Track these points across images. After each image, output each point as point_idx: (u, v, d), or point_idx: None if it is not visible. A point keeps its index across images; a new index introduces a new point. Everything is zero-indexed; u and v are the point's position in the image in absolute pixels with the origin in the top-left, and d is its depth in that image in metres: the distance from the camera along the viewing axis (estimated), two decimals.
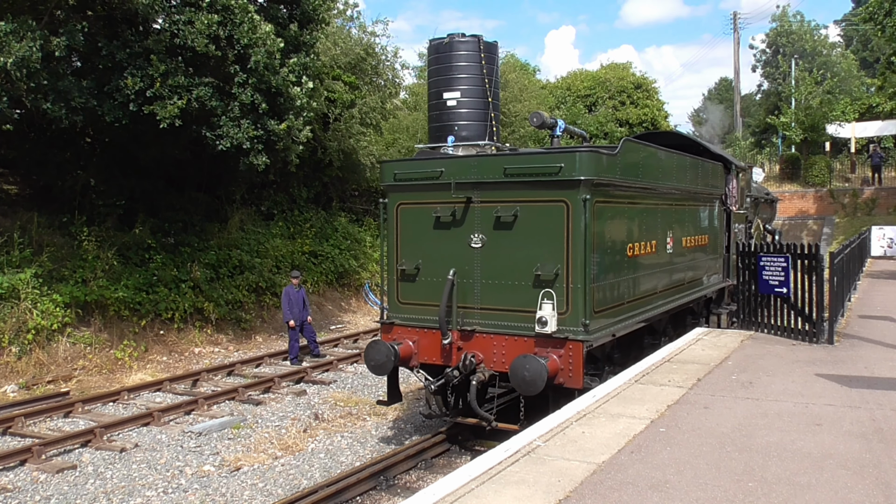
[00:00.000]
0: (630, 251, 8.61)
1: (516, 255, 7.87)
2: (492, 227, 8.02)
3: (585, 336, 7.53)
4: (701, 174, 11.50)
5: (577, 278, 7.55)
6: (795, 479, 4.84)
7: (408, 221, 8.72)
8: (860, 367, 8.14)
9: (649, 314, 9.31)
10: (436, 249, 8.49)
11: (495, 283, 8.08)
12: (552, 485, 4.73)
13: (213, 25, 13.61)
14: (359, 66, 24.06)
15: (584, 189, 7.45)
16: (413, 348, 8.64)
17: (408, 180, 8.64)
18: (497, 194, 7.96)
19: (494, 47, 9.28)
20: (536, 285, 7.70)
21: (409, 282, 8.76)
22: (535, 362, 7.31)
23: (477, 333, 8.19)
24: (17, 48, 11.44)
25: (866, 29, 34.17)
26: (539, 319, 7.52)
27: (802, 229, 32.51)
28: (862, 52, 52.57)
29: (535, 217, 7.75)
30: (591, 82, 43.03)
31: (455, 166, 8.27)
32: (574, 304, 7.57)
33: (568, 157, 7.50)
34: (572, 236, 7.52)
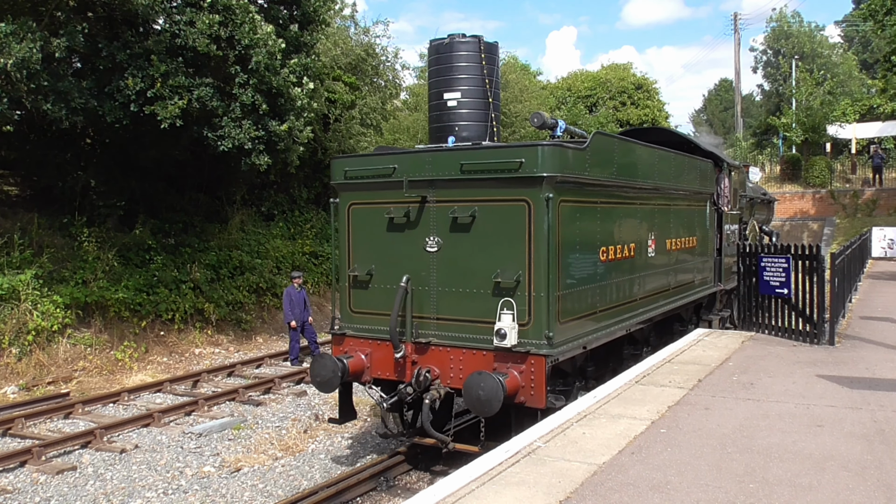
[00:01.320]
0: (603, 255, 7.92)
1: (474, 260, 7.21)
2: (448, 230, 7.35)
3: (549, 350, 6.83)
4: (688, 172, 10.82)
5: (539, 286, 6.86)
6: (797, 480, 4.82)
7: (360, 223, 8.05)
8: (861, 368, 8.12)
9: (628, 323, 8.61)
10: (389, 253, 7.81)
11: (453, 291, 7.39)
12: (552, 486, 4.72)
13: (213, 26, 13.60)
14: (359, 67, 24.07)
15: (548, 187, 6.77)
16: (365, 362, 7.92)
17: (359, 178, 7.96)
18: (454, 193, 7.31)
19: (495, 48, 9.27)
20: (496, 293, 7.02)
21: (361, 289, 8.06)
22: (491, 380, 6.59)
23: (433, 346, 7.48)
24: (17, 49, 11.44)
25: (866, 29, 34.16)
26: (497, 332, 6.83)
27: (803, 230, 32.48)
28: (863, 54, 52.58)
29: (494, 218, 7.09)
30: (592, 83, 43.07)
31: (409, 162, 7.61)
32: (536, 314, 6.89)
33: (529, 152, 6.85)
34: (534, 239, 6.84)
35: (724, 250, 12.53)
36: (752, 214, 16.41)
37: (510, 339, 6.82)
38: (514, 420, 7.15)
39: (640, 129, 14.41)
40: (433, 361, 7.50)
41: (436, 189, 7.44)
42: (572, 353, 7.29)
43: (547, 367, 6.80)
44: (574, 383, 7.71)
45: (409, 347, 7.61)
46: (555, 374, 7.21)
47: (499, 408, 6.61)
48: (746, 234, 15.31)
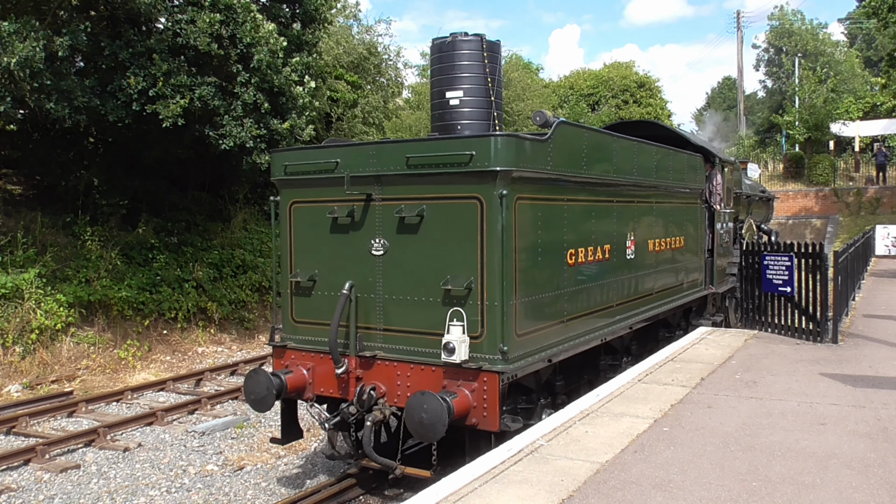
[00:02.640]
0: (572, 258, 7.21)
1: (423, 265, 6.49)
2: (395, 231, 6.65)
3: (504, 365, 6.11)
4: (673, 167, 10.05)
5: (493, 294, 6.12)
6: (800, 478, 4.82)
7: (302, 224, 7.35)
8: (864, 366, 8.11)
9: (604, 331, 7.93)
10: (333, 257, 7.10)
11: (400, 299, 6.67)
12: (555, 484, 4.72)
13: (215, 24, 13.61)
14: (361, 66, 24.08)
15: (502, 182, 6.07)
16: (307, 377, 7.16)
17: (300, 174, 7.26)
18: (400, 190, 6.62)
19: (497, 46, 9.25)
20: (446, 302, 6.31)
21: (303, 296, 7.32)
22: (435, 402, 5.84)
23: (379, 361, 6.73)
24: (20, 48, 11.45)
25: (870, 26, 34.08)
26: (445, 345, 6.08)
27: (806, 228, 32.43)
28: (866, 51, 52.45)
29: (443, 218, 6.38)
30: (595, 81, 43.05)
31: (352, 156, 6.93)
32: (490, 325, 6.14)
33: (480, 144, 6.16)
34: (487, 241, 6.12)
35: (716, 251, 11.86)
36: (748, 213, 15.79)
37: (459, 354, 6.07)
38: (469, 444, 6.45)
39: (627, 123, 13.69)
40: (379, 377, 6.74)
41: (382, 186, 6.73)
42: (534, 367, 6.58)
43: (501, 385, 6.07)
44: (539, 400, 7.04)
45: (352, 362, 6.81)
46: (515, 391, 6.67)
47: (443, 432, 5.91)
48: (743, 233, 14.72)
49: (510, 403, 6.54)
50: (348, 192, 6.72)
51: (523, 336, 6.41)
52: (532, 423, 6.45)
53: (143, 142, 16.02)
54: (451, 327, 6.19)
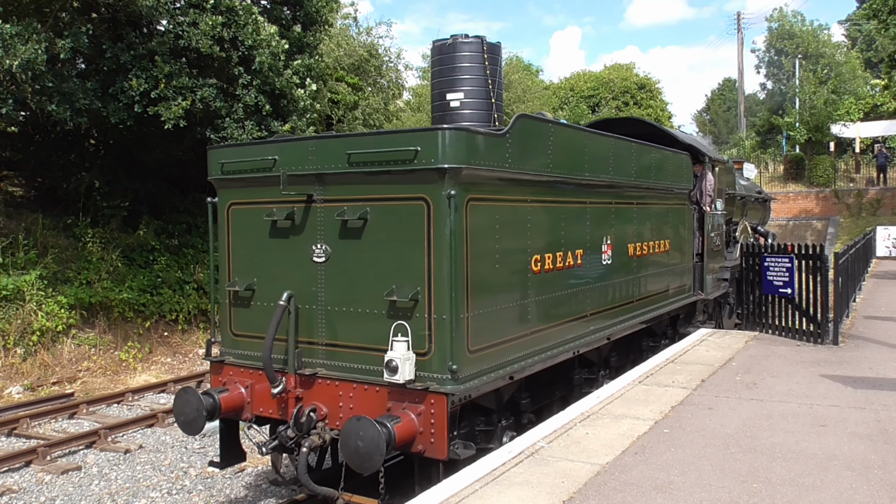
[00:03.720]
0: (536, 265, 6.55)
1: (367, 274, 5.88)
2: (337, 235, 6.04)
3: (454, 386, 5.45)
4: (657, 166, 9.38)
5: (441, 306, 5.47)
6: (800, 480, 4.82)
7: (240, 227, 6.74)
8: (865, 367, 8.11)
9: (576, 343, 7.32)
10: (273, 264, 6.48)
11: (343, 311, 6.04)
12: (556, 486, 4.73)
13: (217, 27, 13.65)
14: (362, 68, 24.12)
15: (451, 182, 5.47)
16: (245, 396, 6.50)
17: (238, 173, 6.65)
18: (343, 190, 6.02)
19: (498, 48, 9.26)
20: (391, 315, 5.70)
21: (242, 307, 6.69)
22: (371, 429, 5.21)
23: (320, 379, 6.07)
24: (22, 50, 11.48)
25: (870, 28, 34.11)
26: (387, 363, 5.44)
27: (807, 229, 32.43)
28: (867, 52, 52.46)
29: (388, 221, 5.78)
30: (595, 83, 43.08)
31: (290, 152, 6.29)
32: (438, 341, 5.49)
33: (426, 138, 5.55)
34: (434, 248, 5.51)
35: (706, 255, 11.18)
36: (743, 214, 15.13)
37: (403, 374, 5.41)
38: (419, 471, 5.95)
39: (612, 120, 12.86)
40: (321, 398, 6.09)
41: (323, 185, 6.11)
42: (492, 385, 6.01)
43: (450, 407, 5.46)
44: (500, 422, 6.41)
45: (291, 380, 6.16)
46: (473, 412, 6.15)
47: (381, 463, 5.35)
48: (737, 236, 14.08)
49: (465, 426, 6.00)
50: (284, 192, 6.08)
51: (478, 352, 5.77)
52: (492, 448, 5.96)
53: (145, 144, 16.05)
54: (394, 343, 5.52)
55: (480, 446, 6.08)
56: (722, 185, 12.18)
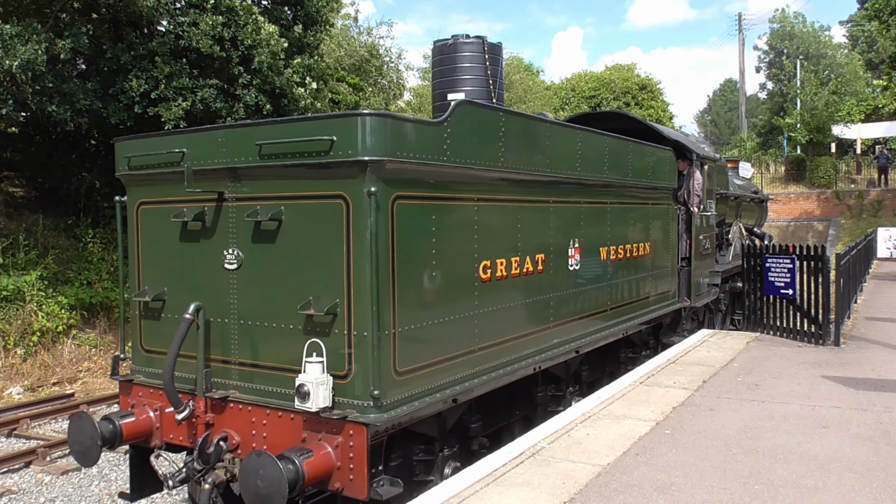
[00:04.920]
0: (486, 272, 5.85)
1: (282, 283, 5.16)
2: (250, 239, 5.32)
3: (376, 414, 4.74)
4: (635, 162, 8.68)
5: (362, 321, 4.77)
6: (802, 481, 4.80)
7: (150, 229, 6.01)
8: (867, 369, 8.09)
9: (538, 358, 6.62)
10: (184, 271, 5.75)
11: (258, 326, 5.31)
12: (557, 487, 4.71)
13: (217, 27, 13.65)
14: (363, 68, 24.13)
15: (373, 177, 4.77)
16: (154, 421, 5.73)
17: (146, 168, 5.91)
18: (256, 187, 5.32)
19: (499, 48, 9.25)
20: (308, 331, 4.99)
21: (152, 319, 5.96)
22: (272, 467, 4.52)
23: (232, 403, 5.34)
24: (22, 51, 11.48)
25: (871, 29, 34.10)
26: (298, 388, 4.74)
27: (808, 231, 32.41)
28: (868, 53, 52.45)
29: (304, 222, 5.07)
30: (596, 83, 43.09)
31: (199, 144, 5.57)
32: (359, 362, 4.80)
33: (343, 126, 4.83)
34: (354, 253, 4.81)
35: (694, 258, 10.49)
36: (737, 216, 14.44)
37: (316, 400, 4.71)
38: None
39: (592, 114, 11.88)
40: (234, 424, 5.36)
41: (235, 181, 5.41)
42: (429, 410, 5.30)
43: (370, 439, 4.75)
44: (441, 451, 5.73)
45: (201, 404, 5.44)
46: (409, 441, 5.51)
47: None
48: (729, 238, 13.43)
49: (398, 458, 5.38)
50: (189, 189, 5.34)
51: (408, 374, 5.06)
52: (432, 481, 5.45)
53: None
54: (307, 364, 4.80)
55: (419, 479, 5.52)
56: (712, 185, 11.51)
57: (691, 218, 10.44)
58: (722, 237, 13.07)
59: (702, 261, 10.84)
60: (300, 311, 4.92)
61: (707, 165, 11.05)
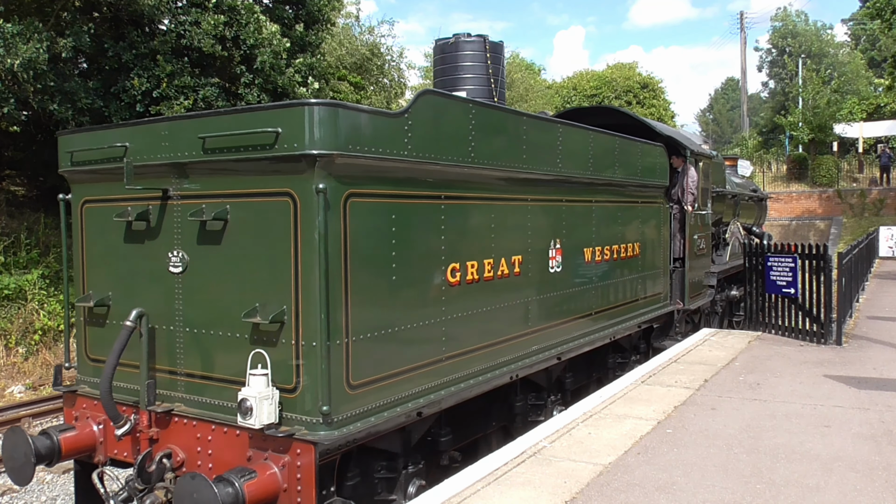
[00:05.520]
0: (454, 275, 5.46)
1: (228, 288, 4.81)
2: (196, 240, 4.96)
3: (326, 431, 4.39)
4: (622, 159, 8.30)
5: (310, 330, 4.40)
6: (804, 481, 4.80)
7: (94, 229, 5.66)
8: (869, 368, 8.08)
9: (515, 366, 6.25)
10: (129, 275, 5.38)
11: (203, 334, 4.95)
12: (558, 486, 4.70)
13: (219, 26, 13.66)
14: (364, 67, 24.12)
15: (322, 172, 4.39)
16: (98, 435, 5.38)
17: (90, 163, 5.53)
18: (201, 183, 4.95)
19: (500, 47, 9.24)
20: (255, 340, 4.64)
21: (97, 326, 5.61)
22: (207, 491, 4.14)
23: (177, 417, 4.98)
24: (23, 50, 11.49)
25: (873, 27, 34.05)
26: (240, 403, 4.38)
27: (810, 229, 32.38)
28: (870, 52, 52.36)
29: (250, 222, 4.71)
30: (598, 82, 43.07)
31: (142, 138, 5.20)
32: (308, 374, 4.43)
33: (289, 116, 4.45)
34: (302, 256, 4.44)
35: (688, 259, 10.13)
36: (735, 214, 14.10)
37: (260, 416, 4.35)
38: None
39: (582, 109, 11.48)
40: (178, 440, 4.99)
41: (179, 178, 5.04)
42: (389, 425, 4.93)
43: (319, 458, 4.40)
44: (405, 468, 5.32)
45: (145, 418, 5.08)
46: (369, 457, 5.13)
47: None
48: (726, 237, 13.10)
49: (356, 476, 5.00)
50: (129, 186, 4.95)
51: (364, 386, 4.69)
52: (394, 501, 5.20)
53: None
54: (251, 377, 4.44)
55: (380, 499, 5.20)
56: (708, 182, 11.18)
57: (685, 217, 10.13)
58: (719, 237, 12.80)
59: (697, 261, 10.53)
60: (244, 318, 4.57)
61: (702, 162, 10.75)
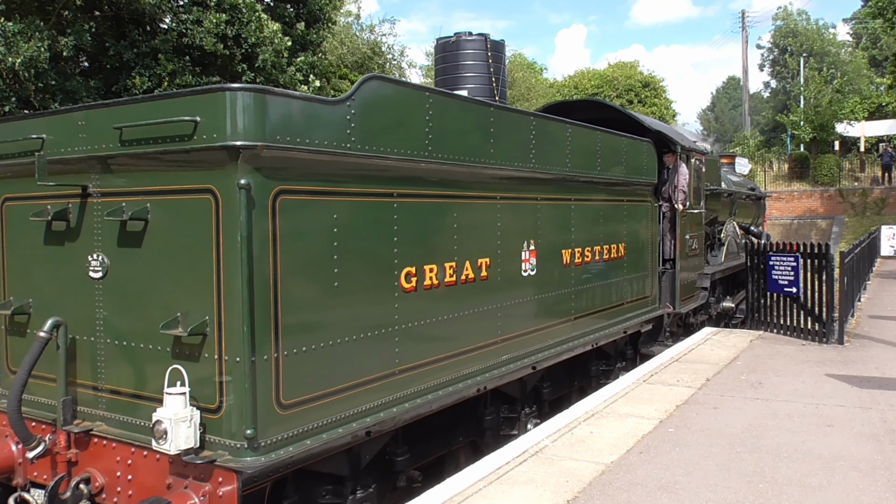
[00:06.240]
0: (408, 280, 5.00)
1: (150, 296, 4.34)
2: (116, 242, 4.48)
3: (253, 457, 3.93)
4: (605, 154, 7.84)
5: (234, 343, 3.95)
6: (806, 480, 4.79)
7: (15, 229, 5.16)
8: (871, 367, 8.07)
9: (482, 377, 5.78)
10: (49, 280, 4.92)
11: (125, 346, 4.48)
12: (560, 485, 4.70)
13: (220, 24, 13.66)
14: (365, 65, 24.12)
15: (247, 167, 3.92)
16: (16, 455, 4.89)
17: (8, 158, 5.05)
18: (121, 179, 4.46)
19: (501, 46, 9.22)
20: (177, 354, 4.18)
21: (18, 335, 5.12)
22: None
23: (97, 438, 4.52)
24: (25, 48, 11.49)
25: (875, 26, 34.02)
26: (154, 425, 3.93)
27: (811, 229, 32.35)
28: (872, 51, 52.29)
29: (171, 222, 4.24)
30: (599, 81, 43.03)
31: (59, 129, 4.72)
32: (232, 394, 3.97)
33: (209, 104, 3.97)
34: (224, 261, 3.98)
35: (679, 260, 9.71)
36: (731, 213, 13.73)
37: (176, 441, 3.89)
38: None
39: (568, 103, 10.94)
40: (98, 464, 4.50)
41: (99, 173, 4.55)
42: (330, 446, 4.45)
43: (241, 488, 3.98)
44: (353, 492, 4.90)
45: (62, 438, 4.61)
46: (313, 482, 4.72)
47: None
48: (721, 237, 12.69)
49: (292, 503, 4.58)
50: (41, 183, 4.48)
51: (298, 406, 4.20)
52: None
53: None
54: (167, 396, 3.96)
55: None
56: (701, 180, 10.76)
57: (676, 216, 9.70)
58: (714, 236, 12.49)
59: (689, 262, 10.11)
60: (162, 330, 4.09)
61: (694, 159, 10.29)
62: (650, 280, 9.25)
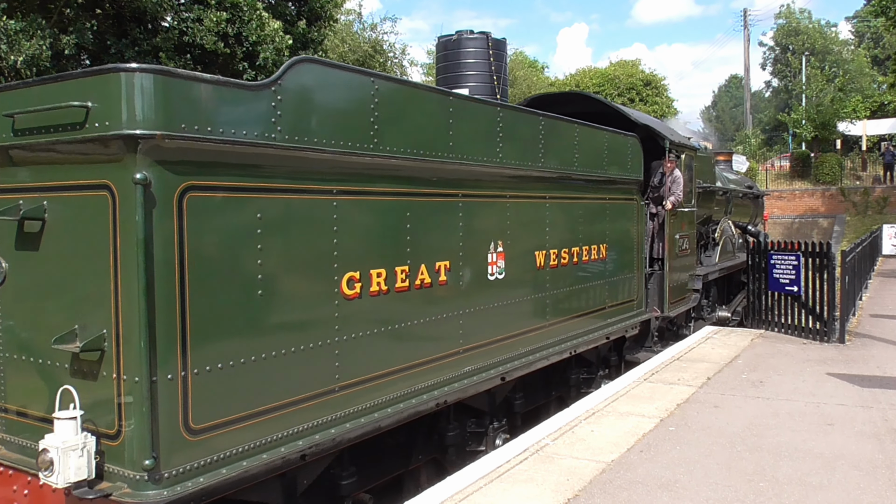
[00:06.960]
0: (351, 287, 4.53)
1: (48, 305, 3.91)
2: (14, 244, 4.02)
3: (154, 490, 3.52)
4: (584, 149, 7.34)
5: (132, 361, 3.52)
6: (807, 479, 4.79)
7: None
8: (872, 366, 8.07)
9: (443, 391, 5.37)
10: None
11: (23, 361, 4.03)
12: (561, 483, 4.70)
13: (221, 23, 13.66)
14: (367, 64, 24.11)
15: (146, 159, 3.48)
16: None
17: None
18: (19, 174, 4.00)
19: (503, 44, 9.21)
20: (74, 371, 3.75)
21: None
22: None
23: None
24: (26, 46, 11.49)
25: (878, 25, 33.97)
26: (40, 454, 3.50)
27: (813, 227, 32.31)
28: (874, 49, 52.24)
29: (69, 222, 3.80)
30: (601, 79, 42.96)
31: None
32: (132, 418, 3.54)
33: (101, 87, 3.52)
34: (121, 266, 3.55)
35: (668, 261, 9.32)
36: (727, 212, 13.31)
37: (65, 472, 3.45)
38: None
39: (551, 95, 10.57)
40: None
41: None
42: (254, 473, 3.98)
43: None
44: None
45: None
46: None
47: None
48: (716, 237, 12.31)
49: None
50: None
51: (211, 431, 3.75)
52: None
53: None
54: (56, 421, 3.51)
55: None
56: (693, 178, 10.34)
57: (665, 215, 9.33)
58: (708, 236, 12.20)
59: (679, 263, 9.66)
60: (55, 345, 3.66)
61: (684, 155, 9.85)
62: (635, 282, 8.80)
